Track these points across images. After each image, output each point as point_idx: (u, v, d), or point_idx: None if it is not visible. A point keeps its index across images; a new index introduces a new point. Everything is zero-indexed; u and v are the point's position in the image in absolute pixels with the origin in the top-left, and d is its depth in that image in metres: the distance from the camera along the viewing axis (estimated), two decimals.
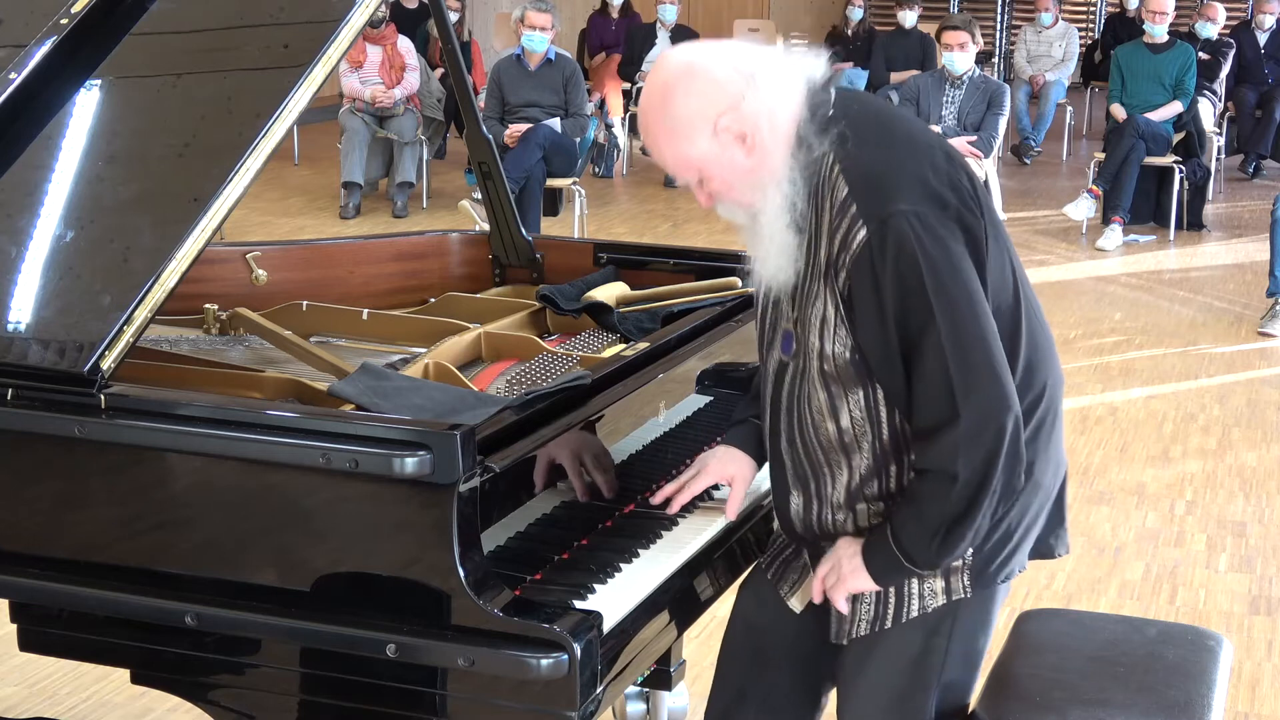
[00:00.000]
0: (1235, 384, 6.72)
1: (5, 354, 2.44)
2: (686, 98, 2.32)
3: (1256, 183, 11.50)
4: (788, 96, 2.34)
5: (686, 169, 2.37)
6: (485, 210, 3.63)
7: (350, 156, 9.74)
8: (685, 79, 2.33)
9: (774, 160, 2.33)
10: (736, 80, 2.32)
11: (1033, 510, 2.50)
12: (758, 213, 2.37)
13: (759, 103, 2.32)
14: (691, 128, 2.32)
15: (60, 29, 2.81)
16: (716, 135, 2.32)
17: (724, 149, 2.32)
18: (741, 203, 2.38)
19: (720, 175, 2.35)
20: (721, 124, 2.31)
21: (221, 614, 2.30)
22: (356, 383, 2.60)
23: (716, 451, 2.68)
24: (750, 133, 2.32)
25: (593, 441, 2.60)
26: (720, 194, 2.38)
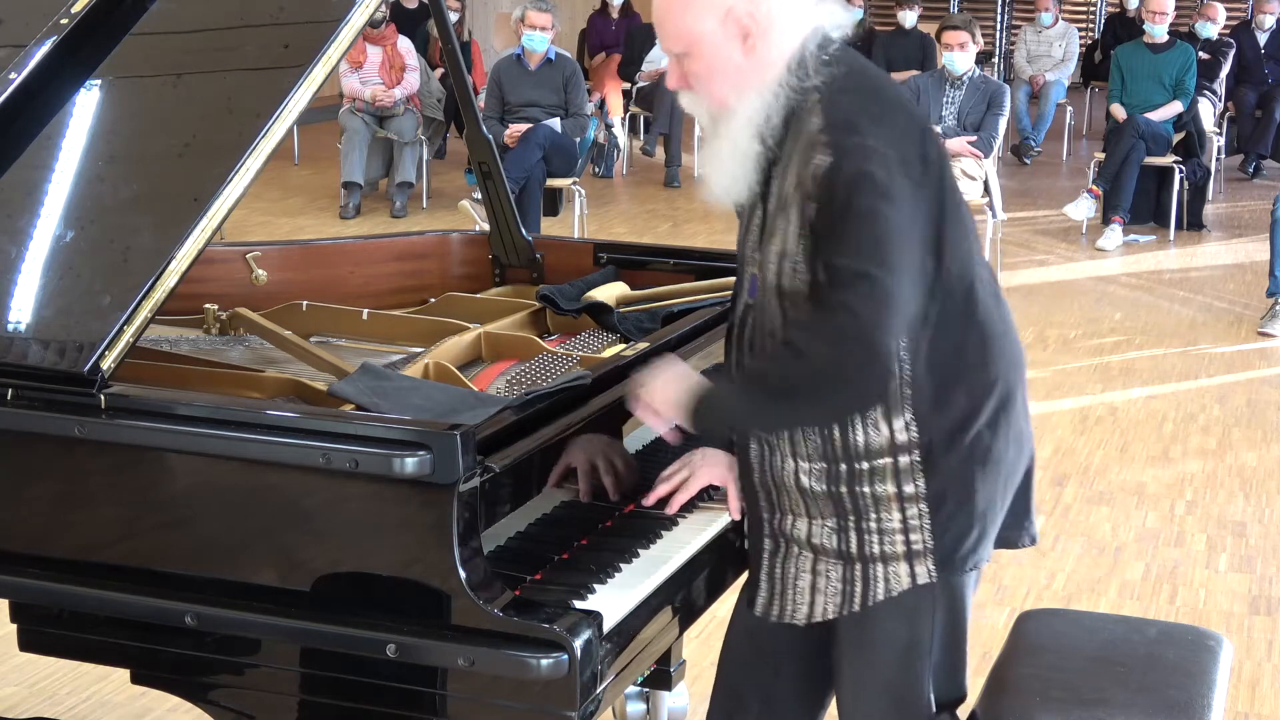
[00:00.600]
0: (1235, 384, 6.72)
1: (5, 354, 2.44)
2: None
3: (1256, 183, 11.50)
4: (804, 20, 2.35)
5: (679, 39, 2.36)
6: (485, 210, 3.63)
7: (350, 156, 9.74)
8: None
9: (765, 72, 2.34)
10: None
11: (998, 494, 2.48)
12: (725, 115, 2.37)
13: (776, 11, 2.33)
14: (704, 5, 2.33)
15: (60, 29, 2.81)
16: (724, 22, 2.33)
17: (725, 38, 2.33)
18: (714, 97, 2.37)
19: (707, 61, 2.35)
20: (734, 14, 2.32)
21: (221, 614, 2.30)
22: (356, 383, 2.60)
23: (705, 455, 2.67)
24: (756, 35, 2.33)
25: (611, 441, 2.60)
26: (697, 78, 2.37)
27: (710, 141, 2.44)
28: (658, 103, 10.95)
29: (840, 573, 2.45)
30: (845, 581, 2.46)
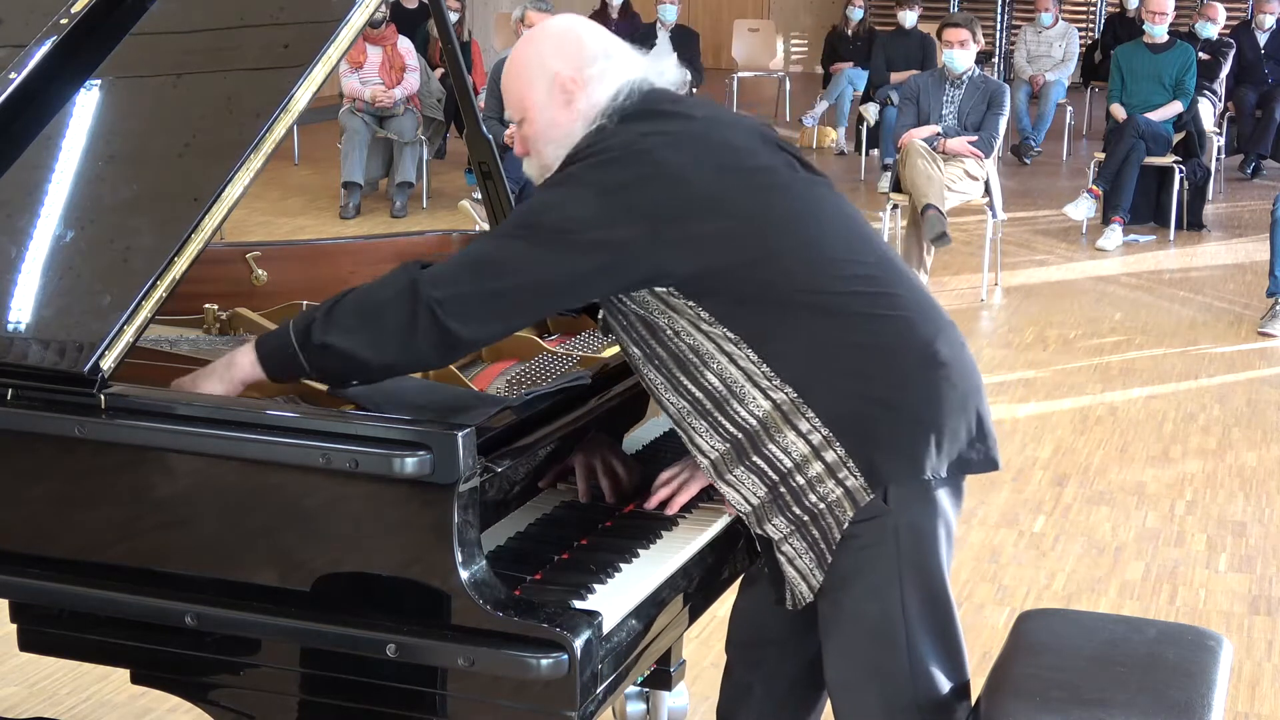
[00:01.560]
0: (1235, 384, 6.73)
1: (5, 354, 2.44)
2: (549, 46, 2.52)
3: (1256, 183, 11.50)
4: (626, 75, 2.49)
5: (517, 108, 2.53)
6: (485, 210, 3.63)
7: (350, 156, 9.74)
8: (558, 35, 2.54)
9: (574, 128, 2.48)
10: (596, 50, 2.50)
11: (943, 397, 2.43)
12: (541, 174, 2.52)
13: (598, 74, 2.48)
14: (537, 74, 2.50)
15: (60, 29, 2.81)
16: (549, 87, 2.48)
17: (550, 102, 2.49)
18: (544, 157, 2.52)
19: (537, 125, 2.50)
20: (560, 79, 2.48)
21: (221, 614, 2.30)
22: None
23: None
24: (576, 95, 2.47)
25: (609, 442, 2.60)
26: (532, 142, 2.53)
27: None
28: None
29: (802, 541, 2.46)
30: (811, 545, 2.46)
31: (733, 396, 2.41)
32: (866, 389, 2.41)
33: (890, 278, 2.48)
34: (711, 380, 2.41)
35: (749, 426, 2.42)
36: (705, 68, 12.01)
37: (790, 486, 2.43)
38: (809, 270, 2.41)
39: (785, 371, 2.39)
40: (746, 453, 2.44)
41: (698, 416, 2.45)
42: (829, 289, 2.41)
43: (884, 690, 2.50)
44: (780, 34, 15.83)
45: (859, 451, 2.39)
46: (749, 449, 2.43)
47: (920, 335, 2.46)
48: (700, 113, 2.52)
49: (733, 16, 16.05)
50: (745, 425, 2.42)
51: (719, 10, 17.39)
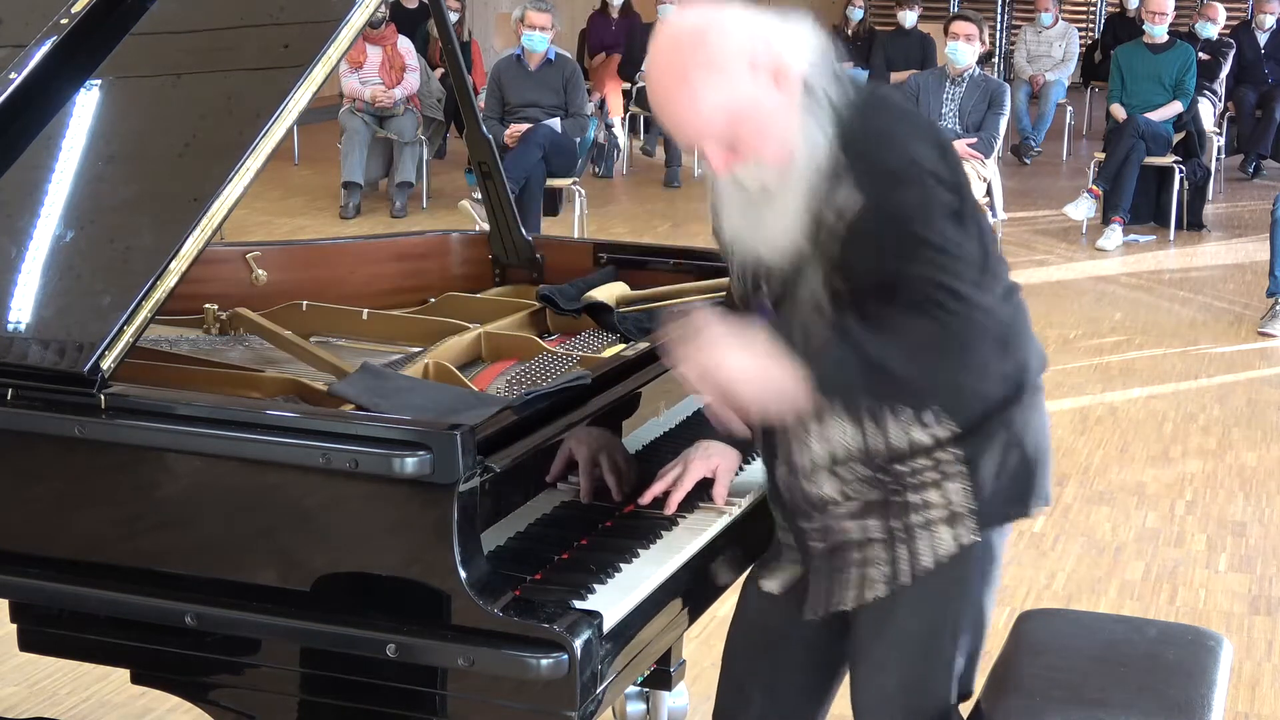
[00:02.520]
0: (1235, 384, 6.73)
1: (5, 354, 2.44)
2: (721, 35, 2.18)
3: (1256, 183, 11.50)
4: (796, 36, 2.24)
5: (719, 118, 2.19)
6: (485, 210, 3.63)
7: (350, 156, 9.74)
8: (714, 20, 2.20)
9: (798, 99, 2.21)
10: (758, 17, 2.22)
11: (1047, 432, 2.50)
12: (784, 171, 2.23)
13: (784, 40, 2.22)
14: (731, 62, 2.17)
15: (60, 29, 2.81)
16: (755, 71, 2.18)
17: (761, 87, 2.19)
18: (776, 151, 2.22)
19: (756, 117, 2.19)
20: (760, 58, 2.18)
21: (221, 614, 2.30)
22: (356, 383, 2.60)
23: (698, 447, 2.69)
24: (784, 70, 2.20)
25: (611, 439, 2.60)
26: (751, 142, 2.21)
27: (763, 206, 2.28)
28: None
29: (886, 553, 2.45)
30: (891, 562, 2.45)
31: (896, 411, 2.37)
32: (1009, 432, 2.42)
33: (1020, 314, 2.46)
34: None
35: (896, 441, 2.38)
36: None
37: (904, 502, 2.41)
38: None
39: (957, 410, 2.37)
40: (875, 459, 2.39)
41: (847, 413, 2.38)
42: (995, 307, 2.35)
43: (911, 703, 2.50)
44: None
45: (981, 492, 2.40)
46: (883, 458, 2.39)
47: (1035, 370, 2.49)
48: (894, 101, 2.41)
49: None
50: (892, 438, 2.38)
51: None
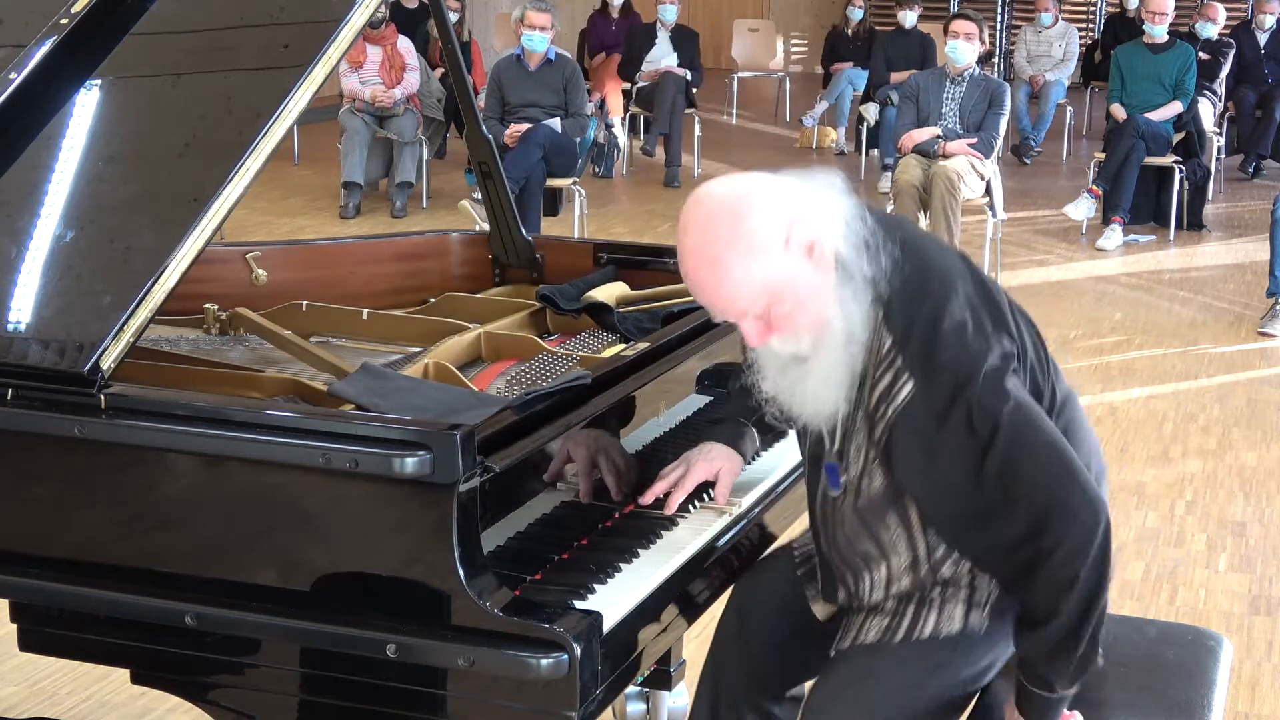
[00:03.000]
0: (1235, 384, 6.72)
1: (5, 354, 2.44)
2: (754, 212, 2.21)
3: (1256, 183, 11.49)
4: (833, 209, 2.27)
5: (755, 295, 2.23)
6: (485, 210, 3.63)
7: (350, 156, 9.73)
8: (746, 196, 2.23)
9: (833, 278, 2.24)
10: (791, 192, 2.25)
11: None
12: (819, 342, 2.27)
13: (815, 213, 2.24)
14: (766, 242, 2.20)
15: (60, 29, 2.81)
16: (789, 248, 2.21)
17: (796, 263, 2.22)
18: (810, 327, 2.26)
19: (793, 294, 2.23)
20: (794, 235, 2.21)
21: (221, 614, 2.30)
22: (356, 383, 2.60)
23: (700, 449, 2.70)
24: (816, 244, 2.23)
25: (609, 439, 2.60)
26: (789, 318, 2.25)
27: (799, 375, 2.32)
28: (658, 103, 10.94)
29: (894, 607, 2.50)
30: (896, 614, 2.49)
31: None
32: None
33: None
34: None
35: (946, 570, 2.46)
36: (705, 68, 12.00)
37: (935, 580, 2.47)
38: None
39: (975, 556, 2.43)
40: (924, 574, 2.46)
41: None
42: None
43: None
44: (780, 34, 15.82)
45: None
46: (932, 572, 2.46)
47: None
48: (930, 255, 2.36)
49: (733, 16, 16.04)
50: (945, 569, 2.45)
51: (719, 10, 17.38)
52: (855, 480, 2.42)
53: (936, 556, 2.45)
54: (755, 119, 14.45)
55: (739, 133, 13.87)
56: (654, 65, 11.26)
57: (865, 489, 2.42)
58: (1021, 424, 2.27)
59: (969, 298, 2.31)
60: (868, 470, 2.40)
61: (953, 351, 2.26)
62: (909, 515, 2.43)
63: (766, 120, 14.37)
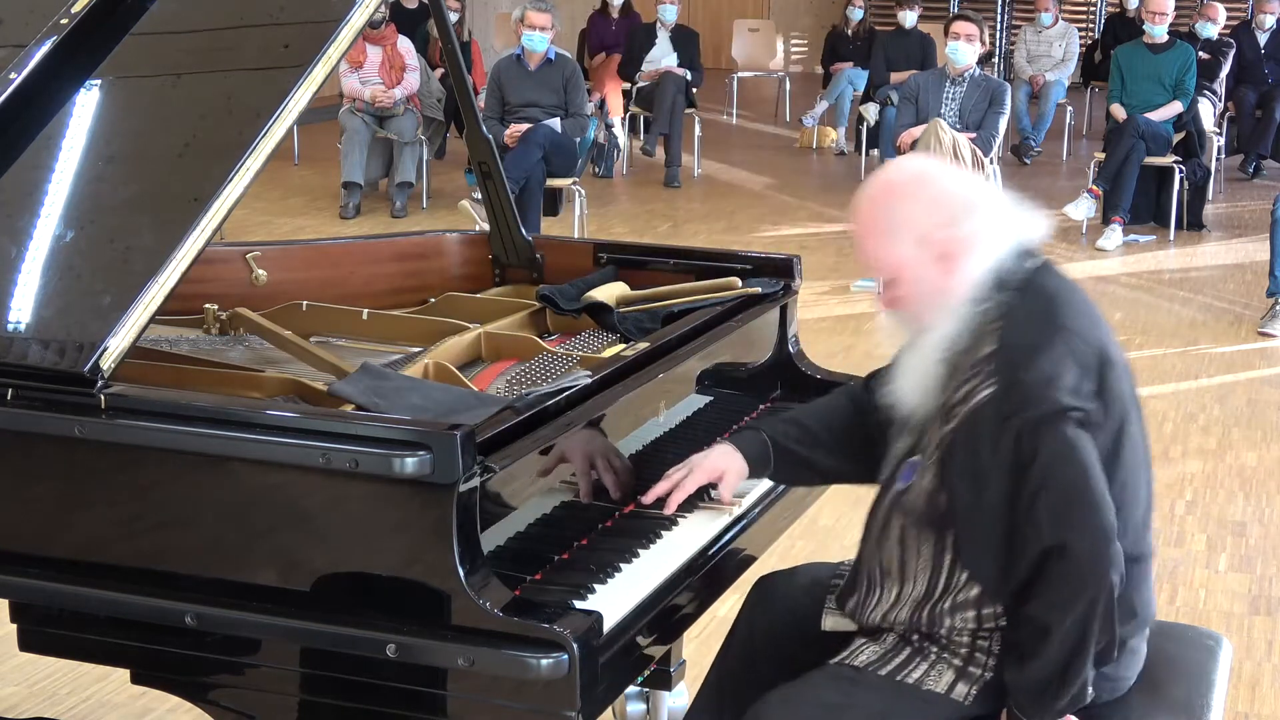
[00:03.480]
0: (1235, 384, 6.72)
1: (5, 354, 2.44)
2: (907, 201, 2.40)
3: (1256, 183, 11.49)
4: (1005, 235, 2.40)
5: (882, 266, 2.44)
6: (485, 210, 3.62)
7: (350, 156, 9.73)
8: (915, 183, 2.42)
9: (964, 290, 2.39)
10: (962, 203, 2.39)
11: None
12: (925, 334, 2.43)
13: (973, 233, 2.38)
14: (900, 230, 2.39)
15: (60, 29, 2.81)
16: (921, 246, 2.38)
17: (922, 262, 2.39)
18: (919, 319, 2.44)
19: (911, 285, 2.41)
20: (933, 237, 2.38)
21: (221, 614, 2.30)
22: (356, 382, 2.60)
23: (710, 450, 2.69)
24: (955, 256, 2.38)
25: (604, 441, 2.60)
26: (903, 302, 2.44)
27: (906, 356, 2.49)
28: (658, 103, 10.94)
29: (892, 641, 2.50)
30: (892, 650, 2.49)
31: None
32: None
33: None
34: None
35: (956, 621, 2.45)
36: (705, 68, 12.00)
37: (938, 633, 2.47)
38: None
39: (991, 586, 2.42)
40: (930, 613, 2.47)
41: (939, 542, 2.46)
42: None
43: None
44: (780, 34, 15.83)
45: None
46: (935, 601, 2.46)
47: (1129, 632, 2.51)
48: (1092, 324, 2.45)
49: (733, 16, 16.05)
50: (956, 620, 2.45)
51: (719, 10, 17.38)
52: (920, 478, 2.44)
53: (947, 603, 2.44)
54: (755, 119, 14.45)
55: (739, 133, 13.88)
56: (654, 65, 11.26)
57: (918, 489, 2.43)
58: (1062, 460, 2.30)
59: (1079, 358, 2.35)
60: (927, 467, 2.42)
61: (1036, 376, 2.32)
62: (944, 541, 2.42)
63: (766, 120, 14.38)
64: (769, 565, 2.97)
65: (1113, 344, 2.46)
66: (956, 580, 2.43)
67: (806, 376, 3.30)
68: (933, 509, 2.42)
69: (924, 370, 2.44)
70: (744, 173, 11.65)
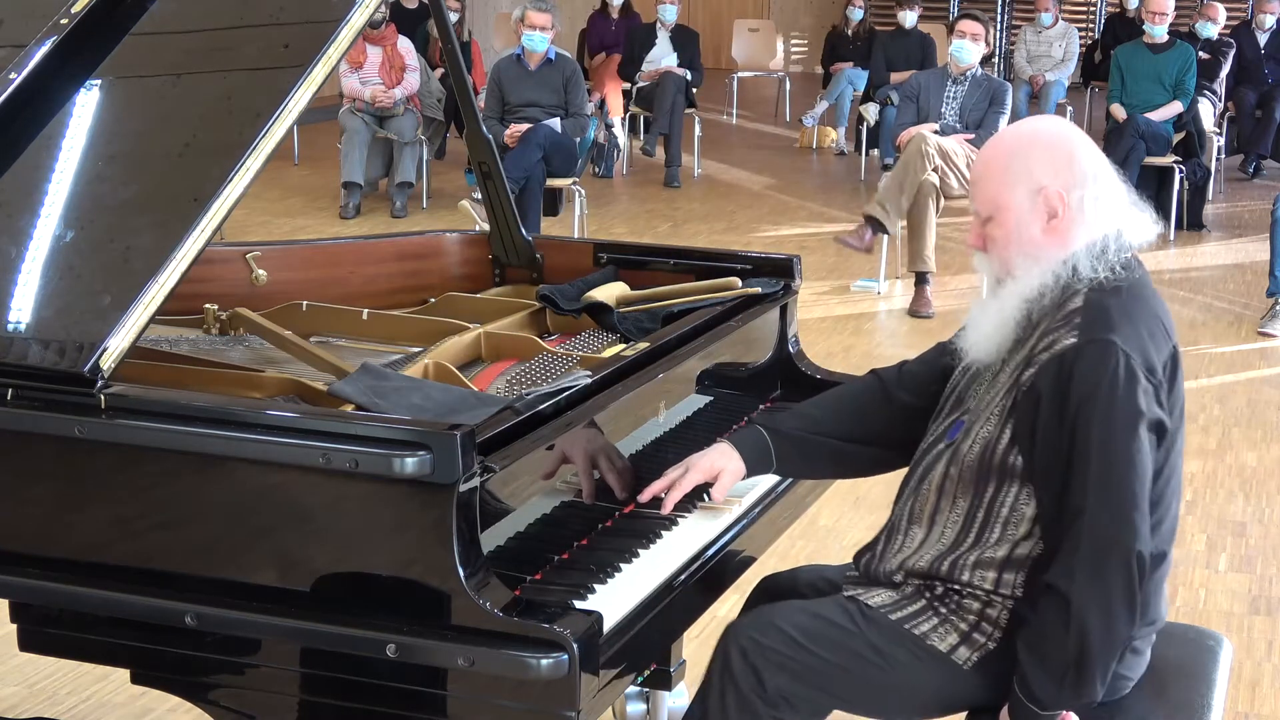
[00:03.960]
0: (1235, 384, 6.72)
1: (5, 354, 2.44)
2: (1038, 152, 2.47)
3: (1256, 183, 11.49)
4: (1111, 218, 2.46)
5: (988, 203, 2.50)
6: (485, 210, 3.62)
7: (350, 156, 9.73)
8: (1052, 140, 2.49)
9: (1057, 253, 2.45)
10: (1086, 173, 2.46)
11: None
12: (1010, 281, 2.49)
13: (1089, 201, 2.45)
14: (1020, 177, 2.46)
15: (60, 29, 2.81)
16: (1034, 196, 2.46)
17: (1030, 212, 2.46)
18: (1007, 264, 2.50)
19: (1008, 229, 2.48)
20: (1046, 192, 2.45)
21: (221, 614, 2.30)
22: (357, 382, 2.59)
23: (708, 450, 2.70)
24: (1062, 218, 2.45)
25: (604, 441, 2.60)
26: (994, 242, 2.50)
27: (985, 302, 2.56)
28: (658, 103, 10.95)
29: (910, 591, 2.52)
30: (903, 599, 2.52)
31: (981, 540, 2.48)
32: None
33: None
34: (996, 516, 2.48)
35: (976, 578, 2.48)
36: (705, 68, 12.00)
37: (951, 589, 2.51)
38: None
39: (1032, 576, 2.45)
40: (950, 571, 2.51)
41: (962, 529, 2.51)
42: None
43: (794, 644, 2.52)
44: (780, 34, 15.83)
45: (1007, 649, 2.47)
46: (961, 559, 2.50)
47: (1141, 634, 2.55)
48: (1157, 304, 2.52)
49: (733, 16, 16.05)
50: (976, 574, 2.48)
51: (719, 10, 17.39)
52: (971, 430, 2.48)
53: (971, 558, 2.47)
54: (755, 119, 14.45)
55: (739, 133, 13.88)
56: (654, 65, 11.26)
57: (974, 440, 2.47)
58: (1106, 420, 2.35)
59: (1158, 343, 2.45)
60: (986, 419, 2.47)
61: (1122, 338, 2.37)
62: (983, 497, 2.46)
63: (766, 120, 14.38)
64: (769, 565, 2.97)
65: (1179, 355, 2.54)
66: (986, 538, 2.46)
67: (806, 376, 3.30)
68: (986, 460, 2.45)
69: (1004, 319, 2.49)
70: (744, 173, 11.65)
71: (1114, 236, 2.46)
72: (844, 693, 2.52)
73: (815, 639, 2.50)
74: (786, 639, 2.51)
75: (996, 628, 2.47)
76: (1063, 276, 2.45)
